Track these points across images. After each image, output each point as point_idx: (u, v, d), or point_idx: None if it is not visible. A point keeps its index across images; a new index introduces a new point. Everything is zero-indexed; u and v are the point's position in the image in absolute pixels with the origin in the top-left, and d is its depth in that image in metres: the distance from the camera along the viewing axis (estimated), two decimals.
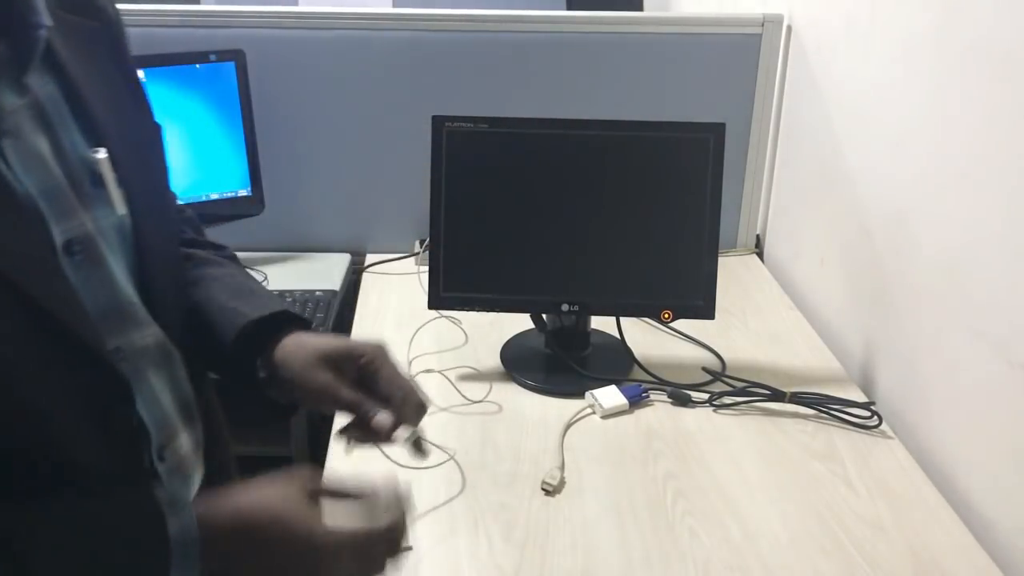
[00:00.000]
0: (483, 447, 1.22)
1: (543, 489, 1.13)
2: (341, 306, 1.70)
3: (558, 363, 1.40)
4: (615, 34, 1.75)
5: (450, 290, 1.38)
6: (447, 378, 1.37)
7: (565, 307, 1.37)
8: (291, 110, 1.76)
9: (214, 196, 1.75)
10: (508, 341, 1.47)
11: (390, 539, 0.71)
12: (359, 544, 0.69)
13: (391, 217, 1.86)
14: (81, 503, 0.62)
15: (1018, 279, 1.05)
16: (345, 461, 1.17)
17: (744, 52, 1.76)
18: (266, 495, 0.67)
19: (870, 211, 1.42)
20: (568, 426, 1.27)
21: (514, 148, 1.35)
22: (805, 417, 1.29)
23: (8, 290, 0.57)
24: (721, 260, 1.39)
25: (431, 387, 1.35)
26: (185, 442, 0.76)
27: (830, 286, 1.59)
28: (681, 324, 1.51)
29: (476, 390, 1.34)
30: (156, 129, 0.82)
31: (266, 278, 1.76)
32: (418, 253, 1.82)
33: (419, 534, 1.05)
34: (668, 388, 1.35)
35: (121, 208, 0.69)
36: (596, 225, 1.37)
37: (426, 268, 1.43)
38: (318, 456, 1.19)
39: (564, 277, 1.37)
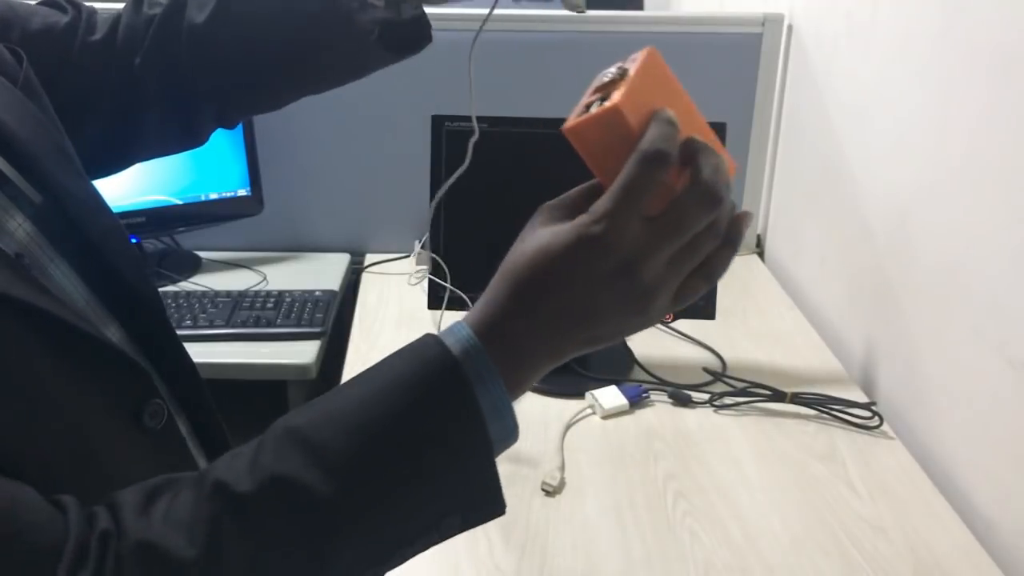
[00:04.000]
0: None
1: (543, 490, 1.13)
2: (340, 306, 1.69)
3: None
4: (615, 34, 1.75)
5: (450, 290, 1.38)
6: None
7: None
8: (290, 109, 1.75)
9: (213, 196, 1.75)
10: None
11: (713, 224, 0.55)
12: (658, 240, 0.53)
13: (391, 217, 1.85)
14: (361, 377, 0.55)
15: (1019, 279, 1.04)
16: None
17: (745, 51, 1.76)
18: (521, 253, 0.56)
19: (871, 210, 1.42)
20: (568, 426, 1.26)
21: (514, 148, 1.35)
22: (806, 417, 1.29)
23: (21, 311, 0.54)
24: None
25: None
26: None
27: (831, 286, 1.59)
28: (681, 324, 1.51)
29: None
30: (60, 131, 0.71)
31: (265, 278, 1.76)
32: (418, 253, 1.82)
33: None
34: (668, 388, 1.34)
35: (36, 196, 0.62)
36: None
37: (426, 268, 1.43)
38: None
39: None
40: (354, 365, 1.43)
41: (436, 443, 0.53)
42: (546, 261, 0.54)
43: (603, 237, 0.53)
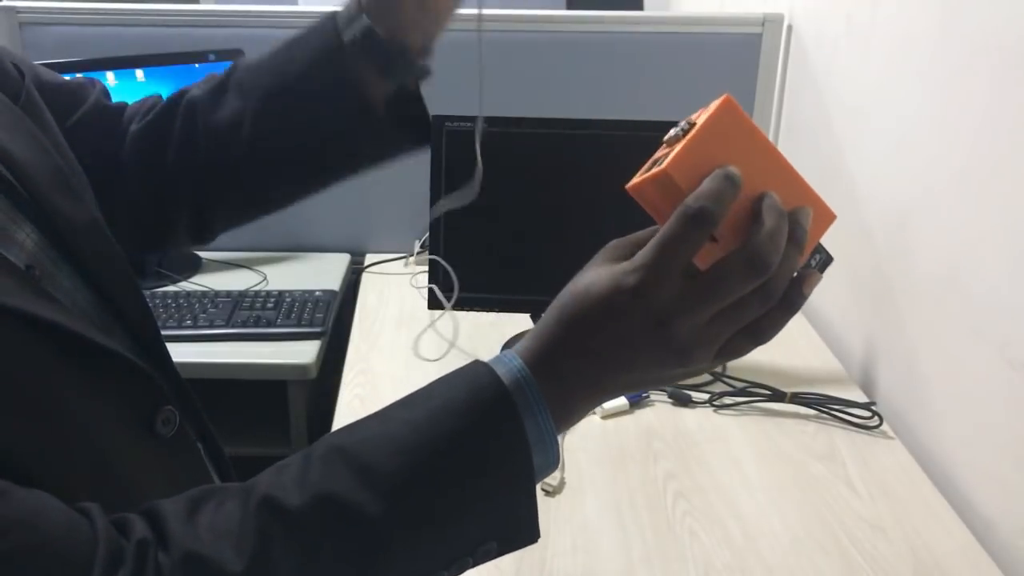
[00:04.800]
0: None
1: (543, 490, 1.13)
2: (340, 306, 1.69)
3: None
4: (615, 34, 1.75)
5: (450, 290, 1.38)
6: None
7: None
8: None
9: None
10: (508, 341, 1.47)
11: (769, 282, 0.53)
12: (708, 297, 0.52)
13: (391, 217, 1.85)
14: (406, 401, 0.56)
15: (1018, 279, 1.04)
16: None
17: (744, 51, 1.76)
18: (571, 289, 0.57)
19: (871, 210, 1.42)
20: None
21: (514, 148, 1.35)
22: (806, 417, 1.29)
23: (32, 325, 0.53)
24: None
25: None
26: None
27: (830, 286, 1.59)
28: None
29: None
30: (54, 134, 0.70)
31: (265, 278, 1.76)
32: (418, 253, 1.82)
33: None
34: (668, 388, 1.34)
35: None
36: (596, 224, 1.36)
37: (426, 268, 1.43)
38: None
39: (564, 277, 1.36)
40: (354, 365, 1.43)
41: (483, 471, 0.54)
42: (587, 303, 0.54)
43: (637, 288, 0.52)
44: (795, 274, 0.55)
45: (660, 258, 0.52)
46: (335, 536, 0.51)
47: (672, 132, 0.57)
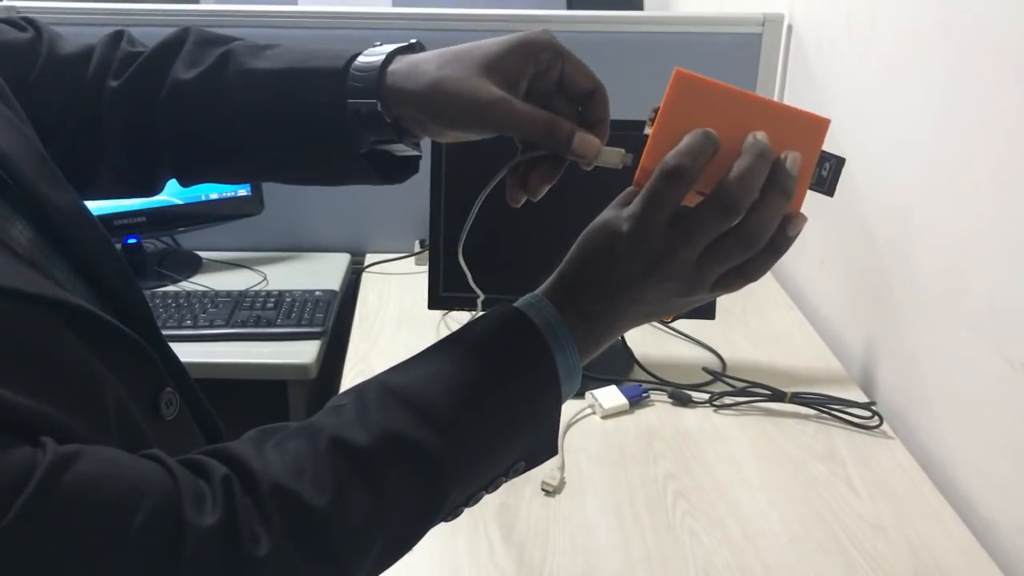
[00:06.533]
0: None
1: (543, 489, 1.13)
2: (340, 306, 1.69)
3: None
4: (615, 34, 1.75)
5: (450, 290, 1.38)
6: None
7: None
8: None
9: (214, 196, 1.75)
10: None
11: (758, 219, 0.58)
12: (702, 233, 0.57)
13: (391, 217, 1.85)
14: (446, 341, 0.63)
15: (1018, 279, 1.04)
16: None
17: (744, 51, 1.76)
18: (587, 232, 0.62)
19: (871, 210, 1.42)
20: (568, 426, 1.26)
21: (513, 148, 1.35)
22: (806, 417, 1.29)
23: (56, 307, 0.54)
24: None
25: None
26: None
27: (830, 286, 1.59)
28: (681, 324, 1.51)
29: None
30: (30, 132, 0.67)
31: (265, 278, 1.76)
32: (418, 253, 1.82)
33: None
34: (668, 388, 1.34)
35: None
36: None
37: (426, 268, 1.43)
38: None
39: None
40: (354, 365, 1.43)
41: (521, 404, 0.60)
42: (597, 246, 0.61)
43: (629, 235, 0.59)
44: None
45: (645, 210, 0.58)
46: (400, 470, 0.56)
47: (648, 119, 0.63)
